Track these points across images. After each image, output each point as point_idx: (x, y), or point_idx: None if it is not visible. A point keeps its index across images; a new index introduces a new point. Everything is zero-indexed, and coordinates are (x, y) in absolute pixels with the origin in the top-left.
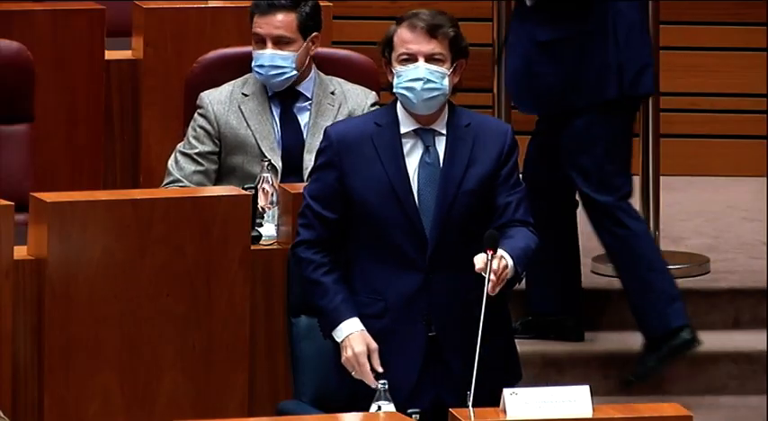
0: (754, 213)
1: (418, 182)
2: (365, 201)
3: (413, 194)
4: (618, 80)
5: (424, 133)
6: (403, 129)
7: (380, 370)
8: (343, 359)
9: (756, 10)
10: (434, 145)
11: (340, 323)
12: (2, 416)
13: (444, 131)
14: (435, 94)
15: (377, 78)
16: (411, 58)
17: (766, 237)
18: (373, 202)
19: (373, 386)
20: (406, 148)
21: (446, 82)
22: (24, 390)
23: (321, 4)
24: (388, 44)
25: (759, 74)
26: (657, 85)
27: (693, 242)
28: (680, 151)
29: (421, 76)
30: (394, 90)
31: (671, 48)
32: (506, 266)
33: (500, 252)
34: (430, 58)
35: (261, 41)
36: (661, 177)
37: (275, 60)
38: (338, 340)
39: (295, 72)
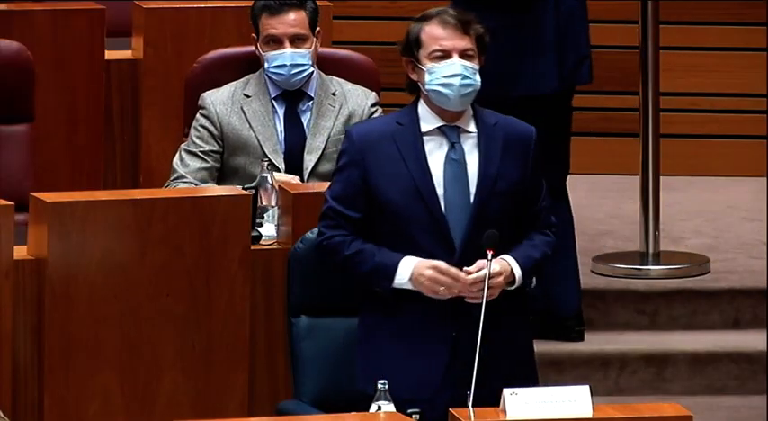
0: (754, 213)
1: (444, 179)
2: (390, 200)
3: (437, 194)
4: (557, 73)
5: (449, 130)
6: (424, 128)
7: (464, 271)
8: (425, 288)
9: (756, 10)
10: (459, 142)
11: (397, 266)
12: (2, 416)
13: (471, 129)
14: (470, 90)
15: (377, 78)
16: (445, 55)
17: (766, 237)
18: (398, 201)
19: (469, 285)
20: (428, 147)
21: (478, 78)
22: (24, 390)
23: (321, 4)
24: (416, 42)
25: (759, 74)
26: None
27: (693, 242)
28: (680, 151)
29: (458, 72)
30: (426, 87)
31: (671, 48)
32: (499, 276)
33: (508, 260)
34: (463, 55)
35: (276, 42)
36: (661, 177)
37: (296, 59)
38: (404, 281)
39: (312, 69)
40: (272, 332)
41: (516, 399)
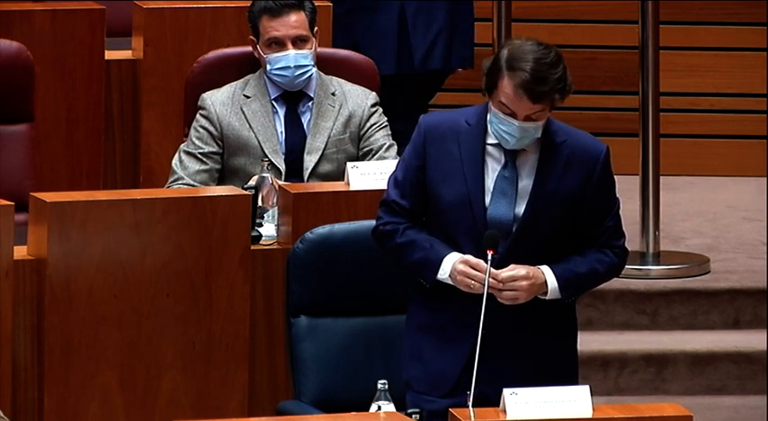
0: (754, 213)
1: (492, 192)
2: (441, 198)
3: (485, 204)
4: (404, 57)
5: (509, 150)
6: (489, 139)
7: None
8: (459, 283)
9: (756, 10)
10: (515, 161)
11: (441, 261)
12: (2, 416)
13: (533, 149)
14: (527, 142)
15: (376, 78)
16: (512, 114)
17: (766, 237)
18: (449, 202)
19: (499, 281)
20: (488, 157)
21: (539, 133)
22: (24, 390)
23: (321, 4)
24: (497, 76)
25: (759, 74)
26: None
27: (693, 242)
28: (680, 151)
29: (515, 133)
30: (488, 122)
31: (671, 48)
32: (514, 279)
33: (543, 269)
34: (528, 118)
35: (279, 44)
36: (661, 177)
37: (299, 60)
38: (445, 276)
39: (314, 69)
40: (272, 332)
41: (516, 399)
